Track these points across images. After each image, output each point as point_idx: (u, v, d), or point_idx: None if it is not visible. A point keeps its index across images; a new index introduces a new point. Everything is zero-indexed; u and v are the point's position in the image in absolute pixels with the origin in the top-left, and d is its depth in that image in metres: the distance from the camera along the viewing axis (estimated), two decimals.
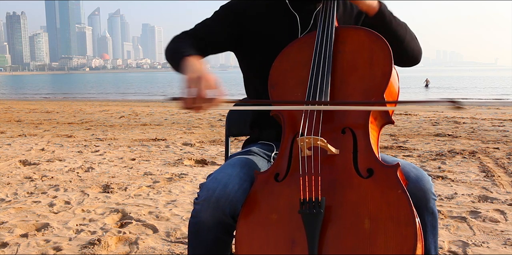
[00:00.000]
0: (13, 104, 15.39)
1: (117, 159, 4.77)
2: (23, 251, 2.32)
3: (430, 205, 1.26)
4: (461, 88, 27.52)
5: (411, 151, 4.98)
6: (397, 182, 1.10)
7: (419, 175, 1.26)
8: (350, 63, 1.31)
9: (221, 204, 1.18)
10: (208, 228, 1.22)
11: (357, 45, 1.33)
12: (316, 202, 1.10)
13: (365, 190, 1.11)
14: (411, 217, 1.04)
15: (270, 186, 1.20)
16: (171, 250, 2.32)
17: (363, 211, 1.08)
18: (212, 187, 1.21)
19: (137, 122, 8.55)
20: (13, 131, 7.28)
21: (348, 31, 1.36)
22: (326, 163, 1.17)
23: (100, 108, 12.70)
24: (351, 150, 1.18)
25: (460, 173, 3.89)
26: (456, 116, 8.79)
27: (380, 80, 1.25)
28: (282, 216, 1.14)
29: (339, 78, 1.28)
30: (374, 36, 1.31)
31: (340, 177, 1.15)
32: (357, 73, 1.28)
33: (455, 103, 1.10)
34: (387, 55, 1.27)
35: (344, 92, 1.27)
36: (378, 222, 1.06)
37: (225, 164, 1.35)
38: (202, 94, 1.11)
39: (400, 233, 1.03)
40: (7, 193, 3.43)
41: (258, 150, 1.47)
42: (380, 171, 1.13)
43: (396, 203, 1.07)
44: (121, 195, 3.34)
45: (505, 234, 2.45)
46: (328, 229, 1.09)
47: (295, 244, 1.10)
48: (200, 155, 4.89)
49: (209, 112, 10.38)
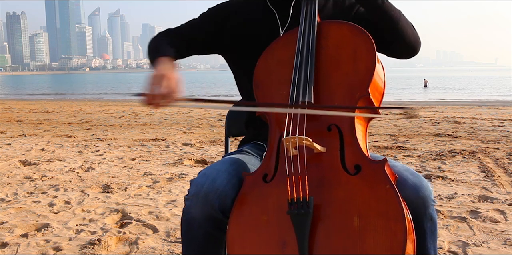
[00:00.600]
0: (13, 104, 15.39)
1: (117, 159, 4.77)
2: (23, 251, 2.32)
3: (429, 212, 1.24)
4: (460, 89, 27.60)
5: (411, 151, 4.98)
6: (385, 177, 1.08)
7: (417, 182, 1.22)
8: (334, 58, 1.29)
9: (209, 198, 1.19)
10: (198, 223, 1.22)
11: (340, 40, 1.31)
12: (304, 202, 1.09)
13: (353, 187, 1.09)
14: (400, 212, 1.02)
15: (258, 187, 1.20)
16: (171, 250, 2.32)
17: (352, 208, 1.07)
18: (201, 182, 1.22)
19: (137, 122, 8.55)
20: (13, 131, 7.28)
21: (330, 26, 1.34)
22: (313, 162, 1.16)
23: (100, 108, 12.69)
24: (338, 147, 1.16)
25: (460, 173, 3.89)
26: (456, 117, 8.80)
27: (364, 75, 1.23)
28: (271, 217, 1.14)
29: (323, 74, 1.27)
30: (356, 30, 1.28)
31: (327, 175, 1.13)
32: (341, 69, 1.27)
33: (406, 111, 1.10)
34: (370, 48, 1.24)
35: (328, 89, 1.25)
36: (367, 219, 1.04)
37: (216, 161, 1.37)
38: (162, 92, 1.16)
39: (389, 228, 1.02)
40: (7, 193, 3.43)
41: (250, 150, 1.48)
42: (368, 166, 1.11)
43: (384, 198, 1.05)
44: (121, 195, 3.34)
45: (505, 234, 2.45)
46: (318, 229, 1.08)
47: (286, 244, 1.09)
48: (200, 155, 4.89)
49: (209, 112, 10.38)
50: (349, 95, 1.23)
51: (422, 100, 19.18)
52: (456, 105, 13.49)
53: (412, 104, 14.49)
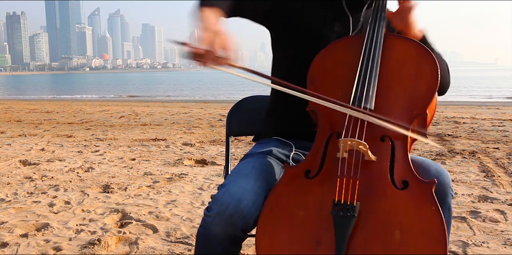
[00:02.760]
0: (13, 104, 15.39)
1: (117, 159, 4.77)
2: (23, 251, 2.32)
3: (448, 200, 1.27)
4: (454, 87, 27.55)
5: (411, 151, 4.97)
6: (432, 198, 1.09)
7: (439, 169, 1.27)
8: (396, 71, 1.28)
9: (234, 220, 1.17)
10: (218, 241, 1.21)
11: (404, 54, 1.30)
12: (351, 206, 1.09)
13: (399, 201, 1.10)
14: (443, 234, 1.04)
15: (299, 181, 1.19)
16: (171, 250, 2.32)
17: (395, 221, 1.08)
18: (226, 201, 1.18)
19: (137, 122, 8.55)
20: (13, 131, 7.28)
21: (396, 39, 1.33)
22: (362, 168, 1.16)
23: (100, 108, 12.69)
24: (388, 159, 1.17)
25: (460, 173, 3.89)
26: (456, 117, 8.79)
27: (424, 95, 1.23)
28: (310, 214, 1.13)
29: (384, 85, 1.26)
30: (423, 50, 1.28)
31: (375, 184, 1.14)
32: (402, 83, 1.26)
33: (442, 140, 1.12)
34: (434, 70, 1.24)
35: (387, 100, 1.24)
36: (409, 235, 1.06)
37: (239, 171, 1.29)
38: (216, 49, 1.06)
39: (430, 249, 1.04)
40: (7, 193, 3.43)
41: (277, 151, 1.43)
42: (416, 185, 1.12)
43: (429, 218, 1.07)
44: (121, 195, 3.34)
45: (505, 234, 2.45)
46: (358, 234, 1.09)
47: (320, 243, 1.10)
48: (200, 155, 4.89)
49: (209, 112, 10.38)
50: (407, 112, 1.22)
51: None
52: (456, 105, 13.49)
53: None
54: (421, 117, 1.22)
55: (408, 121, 1.21)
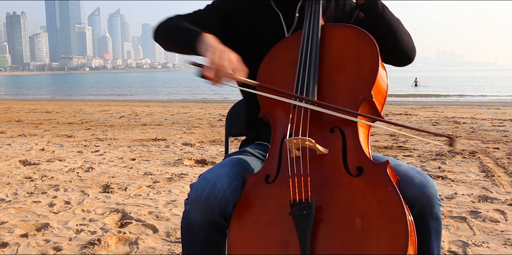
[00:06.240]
0: (13, 104, 15.39)
1: (117, 159, 4.77)
2: (23, 251, 2.32)
3: (435, 211, 1.24)
4: (447, 87, 27.47)
5: (411, 151, 4.98)
6: (387, 179, 1.08)
7: (424, 181, 1.23)
8: (337, 61, 1.29)
9: (210, 203, 1.18)
10: (199, 227, 1.22)
11: (343, 42, 1.31)
12: (306, 203, 1.09)
13: (355, 188, 1.10)
14: (402, 214, 1.03)
15: (261, 188, 1.20)
16: (171, 250, 2.32)
17: (354, 210, 1.07)
18: (201, 186, 1.21)
19: (137, 122, 8.55)
20: (13, 131, 7.28)
21: (334, 29, 1.34)
22: (315, 163, 1.16)
23: (100, 108, 12.69)
24: (340, 149, 1.17)
25: (460, 173, 3.89)
26: (456, 116, 8.80)
27: (367, 77, 1.23)
28: (273, 218, 1.14)
29: (327, 76, 1.28)
30: (360, 33, 1.29)
31: (329, 176, 1.14)
32: (345, 71, 1.27)
33: (449, 139, 1.13)
34: (373, 51, 1.25)
35: (331, 90, 1.26)
36: (369, 221, 1.05)
37: (217, 164, 1.36)
38: (224, 68, 1.14)
39: (391, 230, 1.02)
40: (7, 193, 3.43)
41: (253, 150, 1.47)
42: (370, 168, 1.12)
43: (386, 200, 1.06)
44: (121, 195, 3.34)
45: (505, 234, 2.45)
46: (320, 230, 1.08)
47: (287, 245, 1.10)
48: (200, 155, 4.89)
49: (209, 112, 10.39)
50: (352, 97, 1.23)
51: (421, 100, 19.17)
52: (456, 105, 13.49)
53: (412, 104, 14.49)
54: (368, 100, 1.22)
55: (355, 106, 1.21)
